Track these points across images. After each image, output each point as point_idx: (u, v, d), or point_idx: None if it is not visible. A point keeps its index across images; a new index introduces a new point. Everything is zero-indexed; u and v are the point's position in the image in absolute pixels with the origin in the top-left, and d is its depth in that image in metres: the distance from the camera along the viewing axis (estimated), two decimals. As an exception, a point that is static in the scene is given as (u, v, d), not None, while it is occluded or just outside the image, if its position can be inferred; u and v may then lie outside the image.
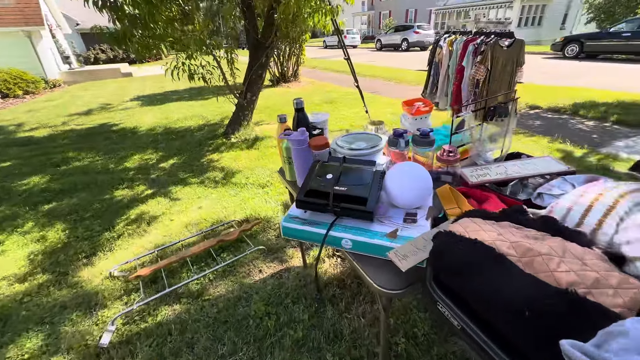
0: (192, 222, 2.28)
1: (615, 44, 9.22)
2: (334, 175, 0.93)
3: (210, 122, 5.04)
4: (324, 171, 0.96)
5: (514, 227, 0.71)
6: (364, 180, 0.91)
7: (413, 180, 0.87)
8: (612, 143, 3.51)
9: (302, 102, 1.18)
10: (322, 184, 0.91)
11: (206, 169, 3.24)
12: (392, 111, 4.91)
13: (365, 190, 0.87)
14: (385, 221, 0.88)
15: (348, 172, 0.94)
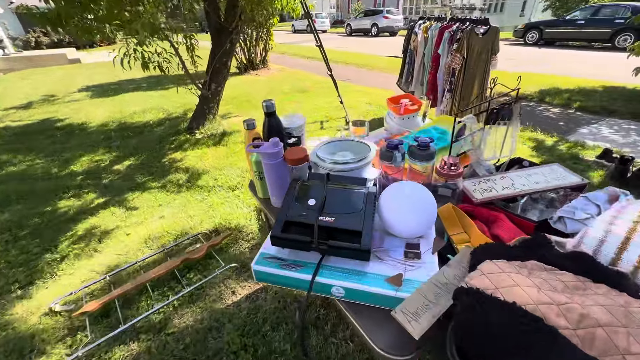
0: (152, 236, 2.01)
1: (570, 31, 9.66)
2: (317, 200, 0.75)
3: (172, 115, 4.61)
4: (305, 194, 0.78)
5: (544, 270, 0.58)
6: (355, 205, 0.73)
7: (415, 206, 0.71)
8: (577, 130, 3.62)
9: (273, 105, 0.97)
10: (304, 214, 0.72)
11: (168, 171, 2.91)
12: (368, 100, 4.76)
13: (357, 221, 0.70)
14: (383, 256, 0.72)
15: (334, 195, 0.76)
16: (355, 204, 0.74)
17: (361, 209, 0.72)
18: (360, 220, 0.70)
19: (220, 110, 4.29)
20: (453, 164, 0.83)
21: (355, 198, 0.75)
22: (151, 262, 1.76)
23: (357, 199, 0.75)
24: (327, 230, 0.70)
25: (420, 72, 3.64)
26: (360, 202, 0.74)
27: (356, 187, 0.79)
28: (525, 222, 0.79)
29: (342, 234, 0.70)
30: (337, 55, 9.08)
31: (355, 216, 0.71)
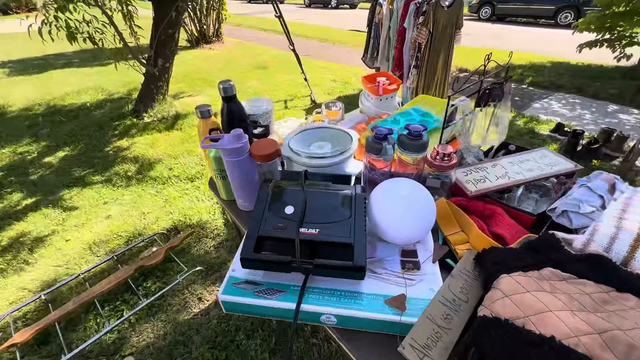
0: (98, 240, 1.74)
1: (519, 8, 10.06)
2: (296, 207, 0.61)
3: (114, 96, 4.05)
4: (280, 199, 0.63)
5: (563, 280, 0.51)
6: (342, 211, 0.61)
7: (413, 209, 0.60)
8: (531, 105, 3.79)
9: (233, 88, 0.79)
10: (280, 226, 0.58)
11: (113, 161, 2.55)
12: (332, 77, 4.56)
13: (346, 231, 0.58)
14: (377, 268, 0.61)
15: (316, 199, 0.63)
16: (342, 209, 0.61)
17: (350, 216, 0.60)
18: (349, 230, 0.58)
19: (171, 89, 3.85)
20: (446, 155, 0.73)
21: (342, 201, 0.63)
22: (98, 272, 1.52)
23: (343, 203, 0.62)
24: (311, 244, 0.57)
25: (385, 47, 3.51)
26: (348, 206, 0.62)
27: (341, 188, 0.66)
28: (523, 215, 0.72)
29: (329, 248, 0.58)
30: (297, 28, 8.59)
31: (343, 225, 0.59)
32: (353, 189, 0.65)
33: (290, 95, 3.96)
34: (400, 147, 0.73)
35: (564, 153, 2.64)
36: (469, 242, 0.69)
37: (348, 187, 0.66)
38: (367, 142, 0.72)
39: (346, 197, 0.64)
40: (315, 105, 3.60)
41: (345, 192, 0.65)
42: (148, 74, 3.30)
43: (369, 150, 0.71)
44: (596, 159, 2.51)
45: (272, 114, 0.95)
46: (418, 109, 1.11)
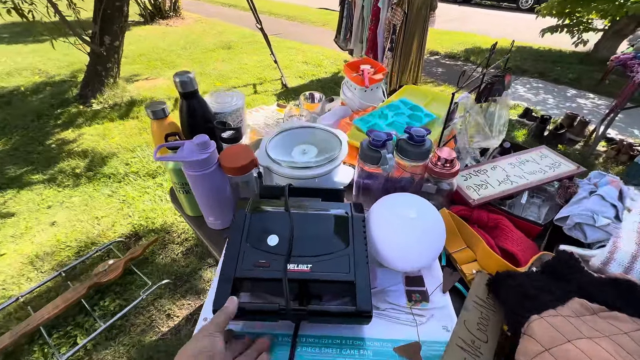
0: (41, 253, 1.50)
1: (483, -10, 10.21)
2: (280, 236, 0.49)
3: (54, 79, 3.54)
4: (261, 226, 0.51)
5: (594, 314, 0.45)
6: (337, 238, 0.50)
7: (424, 234, 0.51)
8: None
9: (193, 81, 0.63)
10: (263, 263, 0.46)
11: (57, 157, 2.22)
12: (303, 59, 4.34)
13: (344, 264, 0.47)
14: (379, 303, 0.52)
15: (304, 224, 0.51)
16: (336, 237, 0.50)
17: (347, 245, 0.49)
18: (348, 263, 0.47)
19: (124, 71, 3.44)
20: (449, 161, 0.64)
21: (336, 226, 0.52)
22: (43, 292, 1.31)
23: (338, 228, 0.51)
24: (301, 283, 0.46)
25: (359, 28, 3.35)
26: (344, 231, 0.51)
27: (332, 206, 0.55)
28: (529, 225, 0.66)
29: (325, 287, 0.47)
30: (263, 4, 8.06)
31: (340, 257, 0.48)
32: (347, 207, 0.54)
33: (259, 78, 3.71)
34: (399, 153, 0.62)
35: (532, 138, 2.72)
36: (477, 261, 0.62)
37: (340, 206, 0.55)
38: (362, 148, 0.61)
39: (341, 219, 0.53)
40: (287, 90, 3.41)
41: (338, 213, 0.54)
42: (94, 53, 2.89)
43: (364, 159, 0.60)
44: (561, 144, 2.61)
45: (243, 111, 0.80)
46: (406, 101, 1.01)
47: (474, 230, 0.63)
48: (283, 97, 3.24)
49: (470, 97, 0.71)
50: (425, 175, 0.67)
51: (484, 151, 0.87)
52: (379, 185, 0.66)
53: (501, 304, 0.51)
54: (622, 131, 2.84)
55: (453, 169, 0.65)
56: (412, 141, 0.60)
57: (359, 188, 0.68)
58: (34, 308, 1.22)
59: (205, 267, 1.43)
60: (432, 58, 4.96)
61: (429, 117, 0.94)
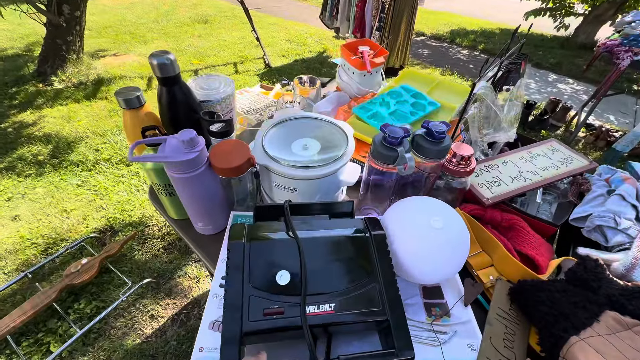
0: (2, 251, 1.35)
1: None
2: (291, 271, 0.40)
3: (6, 52, 3.16)
4: (264, 260, 0.41)
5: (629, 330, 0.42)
6: (359, 266, 0.42)
7: (447, 246, 0.45)
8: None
9: (174, 65, 0.53)
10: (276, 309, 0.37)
11: (14, 142, 2.00)
12: (286, 36, 4.11)
13: (373, 297, 0.39)
14: (396, 318, 0.47)
15: (316, 250, 0.42)
16: (358, 263, 0.42)
17: (372, 272, 0.41)
18: (377, 295, 0.40)
19: (88, 45, 3.12)
20: (465, 157, 0.59)
21: (355, 249, 0.44)
22: (8, 295, 1.19)
23: (358, 251, 0.43)
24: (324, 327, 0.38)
25: (346, 5, 3.18)
26: (365, 255, 0.43)
27: (345, 225, 0.47)
28: (543, 225, 0.63)
29: (353, 327, 0.40)
30: (241, -25, 7.54)
31: (366, 290, 0.40)
32: (360, 224, 0.47)
33: (240, 57, 3.49)
34: (415, 150, 0.56)
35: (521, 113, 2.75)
36: (494, 266, 0.58)
37: (353, 223, 0.47)
38: (374, 145, 0.54)
39: (359, 241, 0.45)
40: (270, 70, 3.23)
41: (354, 233, 0.46)
42: (51, 24, 2.57)
43: (378, 158, 0.53)
44: (544, 129, 2.65)
45: (233, 99, 0.70)
46: (408, 88, 0.94)
47: (490, 233, 0.59)
48: (266, 78, 3.07)
49: (490, 88, 0.65)
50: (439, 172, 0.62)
51: (491, 143, 0.82)
52: (390, 184, 0.60)
53: (528, 318, 0.47)
54: (598, 117, 2.93)
55: (469, 167, 0.60)
56: (430, 137, 0.54)
57: (368, 187, 0.62)
58: (-3, 314, 1.10)
59: (190, 262, 1.35)
60: (418, 39, 4.86)
61: (433, 106, 0.87)
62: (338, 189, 0.65)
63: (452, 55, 4.33)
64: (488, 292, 0.54)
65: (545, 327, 0.43)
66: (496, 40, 4.85)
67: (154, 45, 3.56)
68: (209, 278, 1.30)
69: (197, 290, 1.26)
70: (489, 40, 4.86)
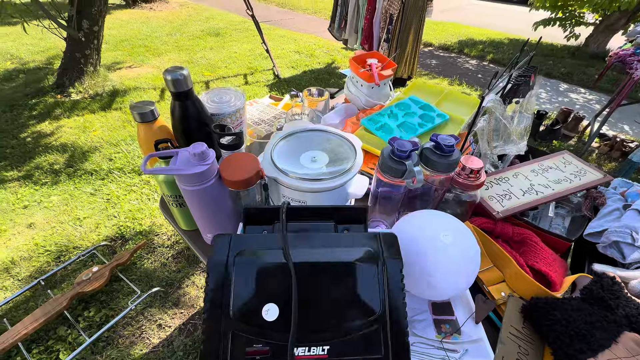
0: (17, 258, 1.39)
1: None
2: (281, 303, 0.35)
3: (28, 65, 3.30)
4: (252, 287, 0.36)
5: (651, 351, 0.40)
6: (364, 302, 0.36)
7: (457, 261, 0.45)
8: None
9: (188, 79, 0.54)
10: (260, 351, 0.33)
11: (33, 151, 2.07)
12: (296, 48, 4.19)
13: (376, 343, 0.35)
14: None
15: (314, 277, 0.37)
16: (363, 295, 0.36)
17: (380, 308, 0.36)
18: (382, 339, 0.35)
19: (105, 58, 3.24)
20: (474, 170, 0.58)
21: (362, 277, 0.37)
22: (21, 302, 1.21)
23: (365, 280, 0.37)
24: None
25: (354, 17, 3.24)
26: (373, 285, 0.37)
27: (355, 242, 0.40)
28: (557, 240, 0.62)
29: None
30: (252, -10, 7.76)
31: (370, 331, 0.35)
32: (374, 243, 0.39)
33: (250, 68, 3.56)
34: (424, 164, 0.56)
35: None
36: (505, 282, 0.56)
37: (364, 240, 0.40)
38: (382, 158, 0.54)
39: (368, 265, 0.37)
40: (280, 81, 3.28)
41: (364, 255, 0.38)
42: (71, 39, 2.68)
43: (386, 171, 0.53)
44: (556, 140, 2.61)
45: (244, 112, 0.71)
46: (416, 99, 0.95)
47: (501, 248, 0.58)
48: (276, 89, 3.12)
49: (499, 101, 0.65)
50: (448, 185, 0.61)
51: (501, 156, 0.81)
52: (399, 196, 0.60)
53: (542, 337, 0.46)
54: (612, 126, 2.87)
55: (478, 180, 0.59)
56: (439, 151, 0.54)
57: (376, 199, 0.62)
58: (10, 321, 1.12)
59: (198, 272, 1.36)
60: (425, 49, 4.89)
61: (441, 118, 0.88)
62: (346, 201, 0.65)
63: (460, 65, 4.33)
64: (500, 309, 0.53)
65: (561, 347, 0.41)
66: (505, 50, 4.84)
67: (167, 58, 3.67)
68: (216, 288, 1.30)
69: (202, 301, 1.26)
70: (498, 50, 4.85)
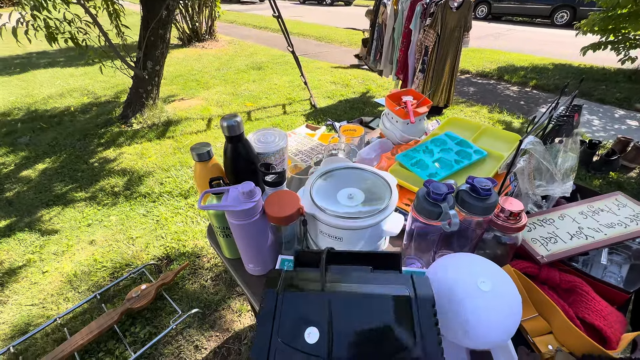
0: (79, 272, 1.55)
1: (515, 7, 9.99)
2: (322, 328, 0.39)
3: (100, 99, 3.81)
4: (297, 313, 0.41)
5: None
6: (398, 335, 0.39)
7: (496, 309, 0.44)
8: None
9: (240, 125, 0.61)
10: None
11: (98, 175, 2.34)
12: (332, 79, 4.38)
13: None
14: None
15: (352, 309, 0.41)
16: (398, 329, 0.39)
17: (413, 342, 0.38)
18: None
19: (162, 92, 3.63)
20: (514, 214, 0.57)
21: (396, 312, 0.40)
22: (79, 314, 1.34)
23: (399, 315, 0.40)
24: None
25: (389, 49, 3.35)
26: (407, 320, 0.39)
27: (389, 281, 0.44)
28: (612, 291, 0.57)
29: None
30: (293, 26, 8.37)
31: None
32: (407, 282, 0.43)
33: (289, 99, 3.78)
34: (460, 206, 0.56)
35: (578, 165, 2.52)
36: (553, 333, 0.53)
37: (399, 279, 0.44)
38: (418, 199, 0.55)
39: (401, 302, 0.41)
40: (316, 110, 3.43)
41: (398, 293, 0.42)
42: (136, 77, 3.08)
43: (422, 213, 0.55)
44: (613, 171, 2.39)
45: (286, 151, 0.77)
46: (452, 135, 0.95)
47: (546, 296, 0.55)
48: (312, 118, 3.27)
49: (539, 143, 0.64)
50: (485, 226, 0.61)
51: (546, 195, 0.78)
52: (435, 236, 0.60)
53: (596, 402, 0.42)
54: (684, 157, 2.56)
55: (519, 222, 0.58)
56: (475, 194, 0.54)
57: (412, 237, 0.63)
58: (69, 330, 1.24)
59: (235, 295, 1.41)
60: (462, 77, 4.85)
61: (479, 154, 0.87)
62: (381, 238, 0.67)
63: (500, 92, 4.21)
64: (547, 364, 0.50)
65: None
66: (550, 76, 4.64)
67: (215, 91, 4.03)
68: (250, 313, 1.34)
69: (239, 325, 1.30)
70: (542, 75, 4.67)
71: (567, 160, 0.72)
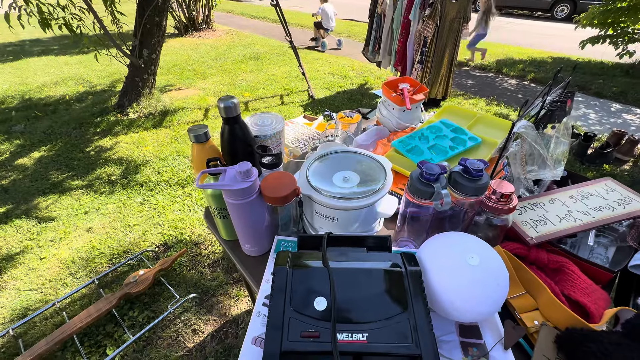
0: (77, 258, 1.56)
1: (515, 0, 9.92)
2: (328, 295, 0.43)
3: (96, 88, 3.76)
4: (306, 284, 0.45)
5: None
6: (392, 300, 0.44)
7: (483, 284, 0.46)
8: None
9: (237, 106, 0.62)
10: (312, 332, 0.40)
11: (95, 164, 2.33)
12: (330, 70, 4.36)
13: (405, 332, 0.41)
14: (431, 354, 0.47)
15: (353, 281, 0.46)
16: (393, 297, 0.44)
17: (406, 307, 0.43)
18: (410, 330, 0.41)
19: (159, 81, 3.60)
20: (505, 196, 0.59)
21: (390, 283, 0.46)
22: (77, 298, 1.35)
23: (392, 285, 0.46)
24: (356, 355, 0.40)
25: (388, 40, 3.32)
26: (399, 290, 0.45)
27: (382, 258, 0.50)
28: (597, 270, 0.59)
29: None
30: (292, 16, 8.26)
31: (399, 324, 0.41)
32: (397, 259, 0.49)
33: (287, 89, 3.76)
34: (453, 187, 0.58)
35: (573, 157, 2.55)
36: (539, 310, 0.55)
37: (389, 257, 0.50)
38: (411, 180, 0.57)
39: (394, 275, 0.47)
40: (314, 101, 3.42)
41: (390, 267, 0.48)
42: (132, 65, 3.04)
43: (414, 193, 0.56)
44: (607, 164, 2.42)
45: (283, 134, 0.78)
46: (447, 122, 0.96)
47: (534, 274, 0.57)
48: (309, 109, 3.26)
49: (531, 127, 0.65)
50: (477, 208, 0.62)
51: (538, 180, 0.80)
52: (427, 217, 0.61)
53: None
54: (677, 151, 2.59)
55: (509, 204, 0.59)
56: (467, 175, 0.55)
57: (405, 219, 0.64)
58: (68, 314, 1.25)
59: (231, 281, 1.43)
60: (461, 69, 4.84)
61: (473, 141, 0.88)
62: (375, 220, 0.68)
63: (498, 85, 4.21)
64: (532, 337, 0.52)
65: None
66: (548, 69, 4.64)
67: (212, 81, 3.99)
68: (247, 298, 1.36)
69: (236, 310, 1.32)
70: (540, 69, 4.66)
71: (559, 146, 0.73)
